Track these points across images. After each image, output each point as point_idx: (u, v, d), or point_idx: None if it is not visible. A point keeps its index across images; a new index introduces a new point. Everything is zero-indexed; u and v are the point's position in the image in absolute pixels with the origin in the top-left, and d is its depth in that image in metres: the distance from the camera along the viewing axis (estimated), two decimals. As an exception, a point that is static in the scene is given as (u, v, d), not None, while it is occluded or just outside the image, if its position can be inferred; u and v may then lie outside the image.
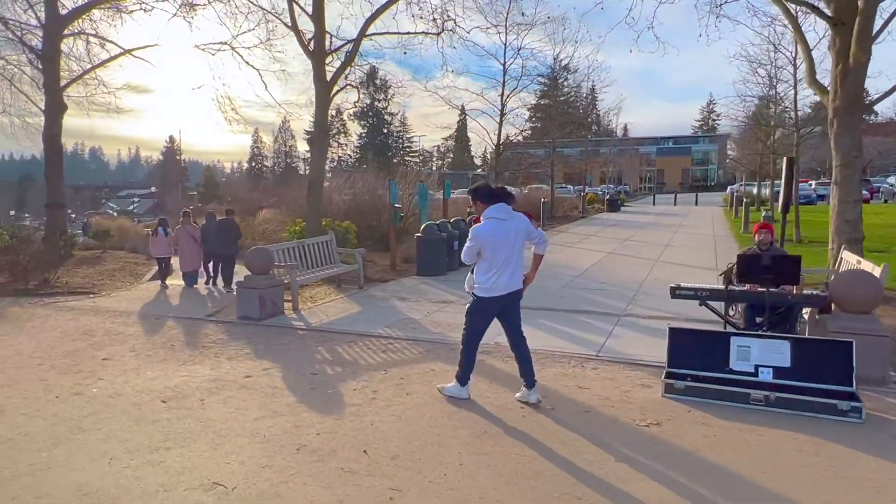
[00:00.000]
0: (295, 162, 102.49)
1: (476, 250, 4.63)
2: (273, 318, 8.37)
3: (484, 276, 4.65)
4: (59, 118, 14.96)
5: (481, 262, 4.67)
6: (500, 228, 4.60)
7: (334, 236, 10.89)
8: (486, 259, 4.61)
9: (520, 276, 4.79)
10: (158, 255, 12.64)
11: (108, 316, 8.65)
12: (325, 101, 12.80)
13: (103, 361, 6.11)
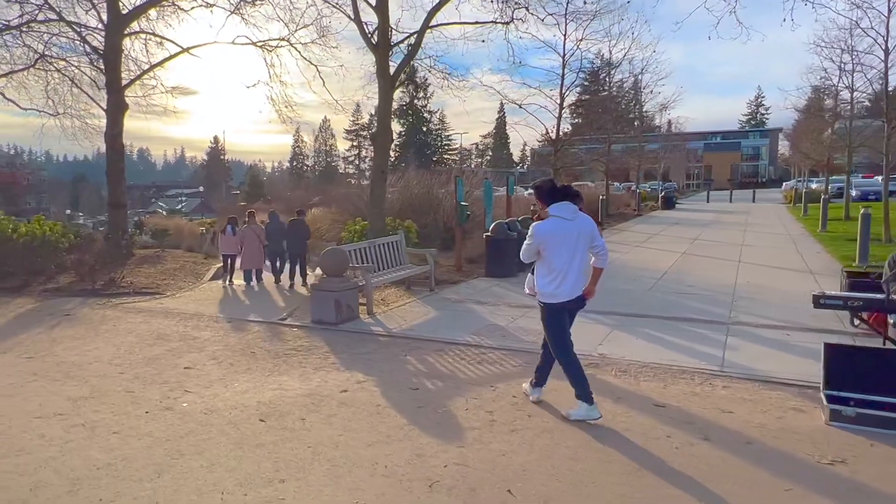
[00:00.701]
0: (335, 161, 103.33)
1: (535, 249, 4.36)
2: (349, 322, 7.93)
3: (545, 279, 4.39)
4: (121, 118, 14.96)
5: (541, 265, 4.42)
6: (564, 228, 4.29)
7: (403, 236, 10.41)
8: (545, 261, 4.36)
9: (582, 283, 4.44)
10: (226, 252, 12.92)
11: (180, 319, 8.36)
12: (388, 97, 12.35)
13: (186, 370, 5.75)
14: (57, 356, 6.26)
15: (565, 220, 4.29)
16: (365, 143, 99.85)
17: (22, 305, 9.39)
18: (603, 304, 8.68)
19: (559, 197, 4.36)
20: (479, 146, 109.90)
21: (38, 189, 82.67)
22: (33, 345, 6.76)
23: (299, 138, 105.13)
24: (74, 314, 8.70)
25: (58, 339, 7.06)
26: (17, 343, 6.83)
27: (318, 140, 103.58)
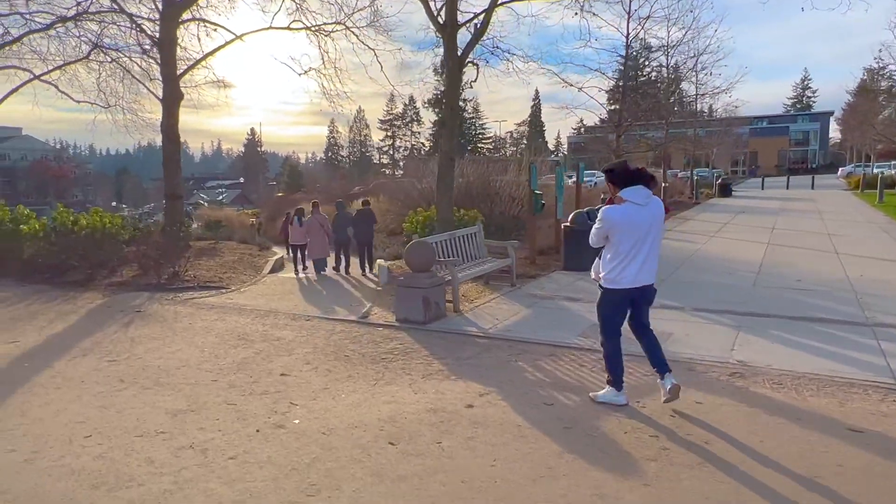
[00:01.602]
0: (369, 151, 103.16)
1: (603, 234, 4.25)
2: (437, 321, 7.33)
3: (609, 265, 4.27)
4: (176, 108, 14.64)
5: (607, 249, 4.29)
6: (635, 213, 4.14)
7: (482, 227, 9.74)
8: (612, 245, 4.23)
9: (653, 271, 4.32)
10: (294, 242, 13.41)
11: (255, 316, 7.88)
12: (457, 79, 11.66)
13: (283, 378, 5.21)
14: (140, 359, 5.81)
15: (638, 206, 4.12)
16: (399, 133, 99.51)
17: (91, 300, 9.07)
18: (709, 301, 7.89)
19: (632, 180, 4.19)
20: (513, 134, 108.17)
21: (84, 182, 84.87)
22: (113, 345, 6.35)
23: (334, 129, 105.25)
24: (145, 310, 8.31)
25: (136, 338, 6.64)
26: (95, 343, 6.43)
27: (352, 130, 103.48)
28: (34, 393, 4.79)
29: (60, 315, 8.01)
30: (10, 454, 3.64)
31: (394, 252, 15.24)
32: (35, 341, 6.58)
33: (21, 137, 77.84)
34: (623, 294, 4.29)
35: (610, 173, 4.32)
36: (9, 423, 4.15)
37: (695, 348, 5.91)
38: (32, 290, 10.03)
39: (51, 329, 7.20)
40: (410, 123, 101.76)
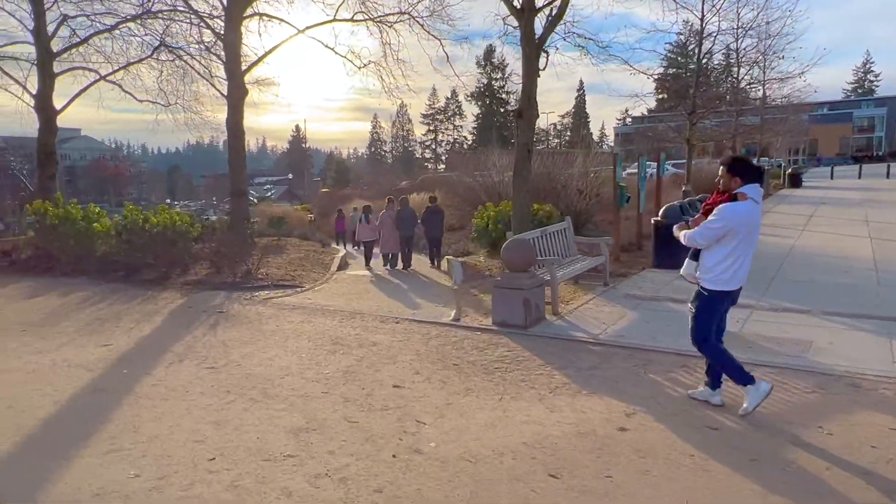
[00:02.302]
0: (412, 146, 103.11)
1: (722, 233, 3.98)
2: (538, 325, 6.81)
3: (721, 265, 4.04)
4: (241, 104, 14.50)
5: (717, 249, 4.05)
6: (756, 211, 4.01)
7: (570, 222, 9.15)
8: (725, 245, 4.00)
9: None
10: (364, 239, 13.67)
11: (342, 318, 7.53)
12: (534, 66, 11.03)
13: (397, 391, 4.78)
14: (239, 366, 5.49)
15: (756, 204, 3.99)
16: (441, 127, 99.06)
17: (170, 300, 8.90)
18: (837, 304, 7.11)
19: (755, 177, 4.01)
20: (556, 126, 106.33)
21: (138, 180, 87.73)
22: (206, 350, 6.07)
23: (377, 124, 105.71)
24: (227, 311, 8.07)
25: (228, 342, 6.35)
26: (188, 348, 6.16)
27: (395, 125, 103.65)
28: (141, 405, 4.50)
29: (145, 316, 7.84)
30: (136, 480, 3.31)
31: (461, 249, 14.79)
32: (127, 344, 6.37)
33: (80, 138, 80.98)
34: (728, 296, 4.14)
35: (738, 166, 4.03)
36: (124, 440, 3.84)
37: (849, 360, 5.21)
38: (110, 289, 9.97)
39: (139, 331, 7.00)
40: (453, 117, 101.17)
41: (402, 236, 13.12)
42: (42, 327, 7.27)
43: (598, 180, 16.91)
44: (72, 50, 18.87)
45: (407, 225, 13.15)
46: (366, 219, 13.69)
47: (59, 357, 5.86)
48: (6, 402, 4.57)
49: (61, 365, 5.58)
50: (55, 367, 5.52)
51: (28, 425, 4.11)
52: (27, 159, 61.66)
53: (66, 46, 18.68)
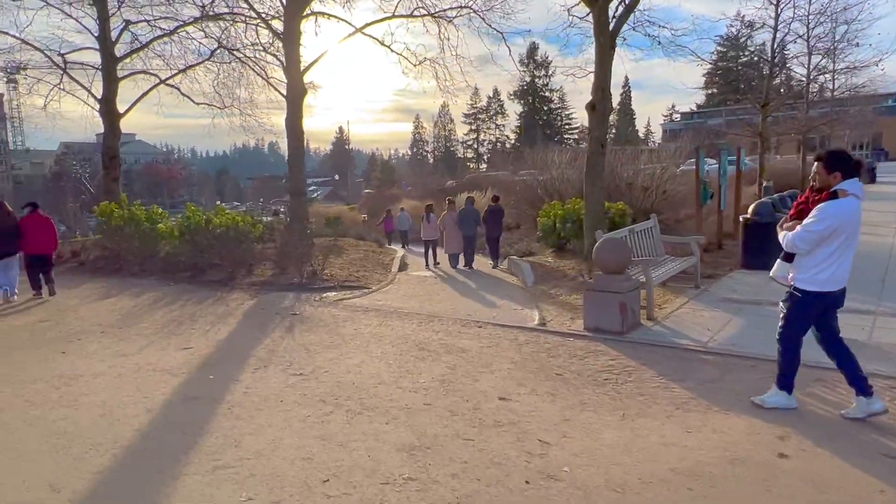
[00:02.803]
0: (453, 146, 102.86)
1: (827, 234, 3.70)
2: (635, 331, 6.31)
3: (821, 266, 3.79)
4: (301, 103, 14.40)
5: (819, 249, 3.78)
6: (858, 209, 3.75)
7: (656, 221, 8.58)
8: (828, 245, 3.73)
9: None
10: (427, 238, 13.64)
11: (419, 322, 7.19)
12: (608, 57, 10.48)
13: (504, 403, 4.38)
14: (328, 372, 5.20)
15: (859, 200, 3.74)
16: (483, 127, 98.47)
17: (240, 301, 8.76)
18: None
19: (855, 172, 3.76)
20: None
21: (189, 182, 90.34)
22: (289, 354, 5.81)
23: (419, 124, 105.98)
24: (300, 313, 7.84)
25: (309, 347, 6.08)
26: (270, 352, 5.92)
27: (437, 125, 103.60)
28: (236, 415, 4.23)
29: (219, 318, 7.68)
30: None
31: (524, 248, 14.32)
32: (206, 348, 6.17)
33: (135, 142, 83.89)
34: (827, 299, 3.86)
35: (835, 160, 3.75)
36: (227, 456, 3.56)
37: None
38: (179, 290, 9.93)
39: (215, 333, 6.82)
40: (495, 116, 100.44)
41: (464, 236, 13.18)
42: (120, 328, 7.19)
43: (664, 177, 16.17)
44: (133, 55, 19.27)
45: (469, 225, 13.15)
46: (428, 218, 13.69)
47: (143, 360, 5.70)
48: (98, 410, 4.38)
49: (146, 369, 5.40)
50: (140, 371, 5.35)
51: (125, 436, 3.89)
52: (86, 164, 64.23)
53: (129, 52, 19.09)
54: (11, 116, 42.64)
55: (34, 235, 9.62)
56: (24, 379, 5.19)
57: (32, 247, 9.62)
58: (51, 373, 5.35)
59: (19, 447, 3.74)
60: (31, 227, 9.67)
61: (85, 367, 5.53)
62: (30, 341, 6.64)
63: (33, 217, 9.78)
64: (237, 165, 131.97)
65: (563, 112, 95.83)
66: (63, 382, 5.04)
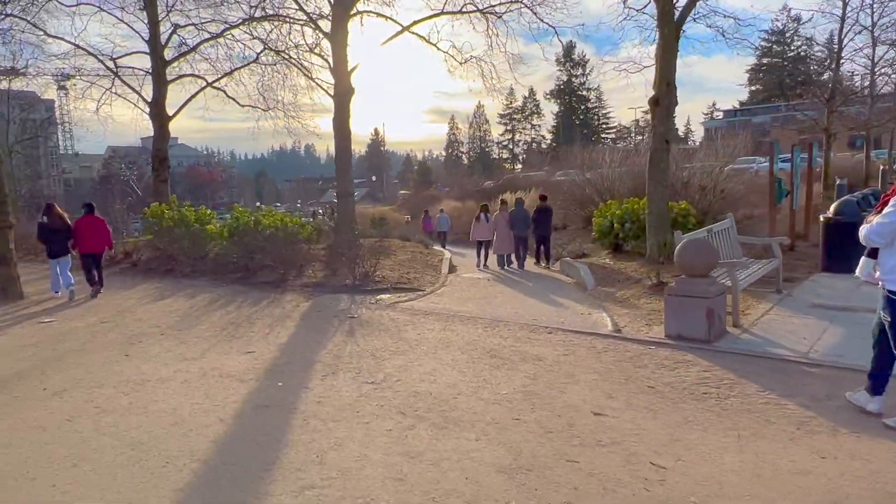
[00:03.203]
0: (488, 146, 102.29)
1: None
2: (722, 339, 5.85)
3: None
4: (348, 104, 14.25)
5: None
6: None
7: (733, 221, 8.06)
8: None
9: None
10: (479, 238, 13.59)
11: (484, 326, 6.86)
12: (672, 49, 9.98)
13: (600, 420, 4.01)
14: (400, 381, 4.92)
15: None
16: (519, 127, 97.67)
17: (295, 303, 8.59)
18: None
19: None
20: (639, 123, 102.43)
21: (229, 185, 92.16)
22: (355, 361, 5.55)
23: (454, 125, 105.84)
24: (359, 316, 7.60)
25: (375, 353, 5.82)
26: (336, 358, 5.67)
27: (472, 126, 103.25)
28: (313, 427, 3.98)
29: (277, 320, 7.50)
30: (347, 532, 2.72)
31: (576, 249, 13.87)
32: (269, 352, 5.97)
33: (177, 146, 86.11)
34: None
35: None
36: (312, 474, 3.30)
37: None
38: (233, 291, 9.83)
39: (276, 337, 6.63)
40: (530, 116, 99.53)
41: (516, 236, 13.09)
42: (179, 331, 7.07)
43: (722, 175, 15.49)
44: (181, 59, 19.55)
45: (521, 225, 12.95)
46: (485, 218, 13.55)
47: (207, 365, 5.52)
48: (170, 418, 4.18)
49: (212, 374, 5.22)
50: (206, 376, 5.16)
51: (200, 449, 3.67)
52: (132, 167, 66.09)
53: (177, 55, 19.36)
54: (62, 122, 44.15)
55: (88, 235, 9.94)
56: (92, 383, 5.06)
57: (87, 246, 9.93)
58: (117, 377, 5.21)
59: (95, 459, 3.56)
60: (86, 227, 10.01)
61: (150, 371, 5.38)
62: (92, 343, 6.56)
63: (88, 218, 10.12)
64: (274, 168, 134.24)
65: (599, 111, 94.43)
66: (131, 388, 4.89)
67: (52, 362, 5.82)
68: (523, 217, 13.03)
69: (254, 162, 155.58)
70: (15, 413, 4.39)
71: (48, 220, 9.86)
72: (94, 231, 10.06)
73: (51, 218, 9.82)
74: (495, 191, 35.16)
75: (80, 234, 9.90)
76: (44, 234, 9.90)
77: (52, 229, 9.76)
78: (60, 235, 9.78)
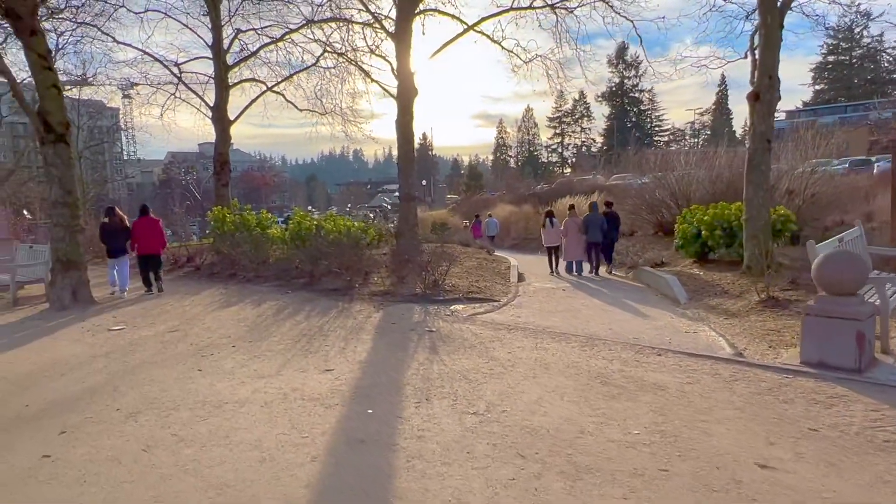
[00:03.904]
0: (536, 150, 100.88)
1: None
2: (874, 368, 4.97)
3: None
4: (412, 104, 13.77)
5: None
6: None
7: (862, 229, 7.09)
8: None
9: None
10: (549, 244, 13.29)
11: (580, 344, 6.16)
12: (775, 38, 9.03)
13: (769, 473, 3.27)
14: (505, 412, 4.29)
15: None
16: (568, 130, 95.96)
17: (366, 313, 8.09)
18: None
19: None
20: (693, 125, 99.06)
21: (280, 189, 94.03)
22: (448, 384, 4.96)
23: (502, 129, 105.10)
24: (437, 329, 7.02)
25: (467, 375, 5.21)
26: (425, 380, 5.10)
27: (520, 130, 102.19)
28: (421, 471, 3.39)
29: (351, 332, 7.01)
30: None
31: (654, 257, 12.97)
32: (350, 371, 5.45)
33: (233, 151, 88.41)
34: None
35: None
36: (436, 539, 2.70)
37: None
38: (299, 299, 9.44)
39: (354, 352, 6.11)
40: (580, 119, 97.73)
41: (589, 242, 12.65)
42: (251, 342, 6.66)
43: (811, 178, 14.27)
44: (241, 64, 19.64)
45: (595, 231, 12.35)
46: (551, 223, 13.24)
47: (286, 385, 5.04)
48: (255, 453, 3.68)
49: (293, 397, 4.72)
50: (287, 399, 4.67)
51: (296, 495, 3.14)
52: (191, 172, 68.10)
53: (238, 59, 19.45)
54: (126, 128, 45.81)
55: (145, 236, 10.39)
56: (167, 403, 4.64)
57: (143, 247, 10.40)
58: (193, 397, 4.78)
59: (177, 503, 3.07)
60: (141, 228, 10.48)
61: (227, 391, 4.93)
62: (163, 355, 6.21)
63: (143, 220, 10.59)
64: (324, 172, 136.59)
65: (652, 113, 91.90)
66: (209, 411, 4.44)
67: (123, 376, 5.47)
68: (598, 223, 12.52)
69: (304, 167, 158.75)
70: (89, 439, 3.99)
71: (109, 221, 10.40)
72: (150, 232, 10.47)
73: (111, 219, 10.35)
74: (549, 195, 34.24)
75: (137, 235, 10.37)
76: (105, 234, 10.48)
77: (113, 230, 10.26)
78: (120, 236, 10.29)
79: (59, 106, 8.87)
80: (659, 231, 17.10)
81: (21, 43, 8.43)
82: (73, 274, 9.22)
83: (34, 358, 6.25)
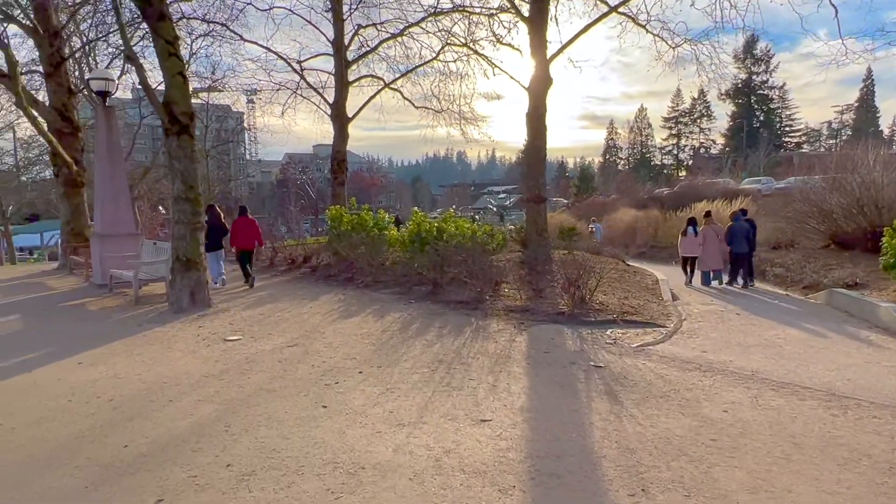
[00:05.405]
0: (649, 152, 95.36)
1: None
2: None
3: None
4: (545, 95, 12.35)
5: None
6: None
7: None
8: None
9: None
10: (688, 253, 12.33)
11: (823, 403, 4.44)
12: None
13: None
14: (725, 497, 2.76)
15: None
16: (685, 131, 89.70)
17: (508, 336, 6.77)
18: None
19: None
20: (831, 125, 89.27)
21: (387, 189, 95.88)
22: (664, 462, 3.51)
23: (613, 130, 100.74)
24: (607, 365, 5.54)
25: (683, 449, 3.72)
26: (629, 453, 3.67)
27: (633, 131, 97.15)
28: None
29: (496, 362, 5.71)
30: None
31: (843, 277, 10.62)
32: (514, 425, 4.14)
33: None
34: None
35: None
36: None
37: None
38: (424, 311, 8.32)
39: (508, 394, 4.80)
40: (699, 119, 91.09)
41: (735, 253, 11.53)
42: (379, 367, 5.57)
43: None
44: (360, 60, 19.21)
45: (740, 241, 11.40)
46: (693, 231, 12.14)
47: (436, 443, 3.81)
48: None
49: (449, 466, 3.48)
50: (442, 470, 3.43)
51: None
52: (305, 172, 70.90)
53: (358, 56, 19.03)
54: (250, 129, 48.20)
55: (242, 234, 11.37)
56: (289, 461, 3.58)
57: (240, 243, 11.35)
58: (319, 453, 3.68)
59: None
60: (240, 226, 11.45)
61: (361, 445, 3.79)
62: (282, 381, 5.24)
63: (242, 219, 11.58)
64: (428, 174, 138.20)
65: (783, 112, 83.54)
66: (342, 482, 3.29)
67: (237, 408, 4.52)
68: (744, 232, 11.37)
69: (409, 168, 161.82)
70: (191, 513, 2.97)
71: (209, 218, 10.75)
72: (247, 230, 11.41)
73: (211, 217, 10.93)
74: (673, 199, 31.43)
75: (235, 232, 11.37)
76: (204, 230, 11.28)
77: (211, 227, 10.70)
78: (218, 232, 11.14)
79: (185, 94, 8.38)
80: (831, 244, 14.41)
81: (148, 27, 8.00)
82: (192, 274, 8.72)
83: (144, 374, 5.53)
